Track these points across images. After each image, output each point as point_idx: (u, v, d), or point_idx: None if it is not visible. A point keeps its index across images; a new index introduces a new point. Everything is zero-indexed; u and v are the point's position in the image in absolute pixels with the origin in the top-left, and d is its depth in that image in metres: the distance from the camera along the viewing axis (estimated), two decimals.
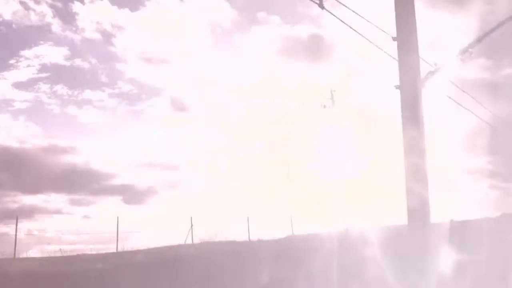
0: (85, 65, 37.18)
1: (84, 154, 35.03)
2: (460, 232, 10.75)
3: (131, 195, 31.50)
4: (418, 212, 6.49)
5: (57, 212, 30.94)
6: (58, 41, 37.42)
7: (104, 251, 18.89)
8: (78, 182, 30.73)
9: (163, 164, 38.17)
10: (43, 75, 37.10)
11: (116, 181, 35.41)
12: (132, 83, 41.90)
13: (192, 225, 22.89)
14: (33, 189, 31.01)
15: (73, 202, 32.09)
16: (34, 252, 19.45)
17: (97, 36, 37.46)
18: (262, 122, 37.54)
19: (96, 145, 36.93)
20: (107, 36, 38.03)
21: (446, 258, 6.92)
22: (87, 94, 37.26)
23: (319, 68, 37.53)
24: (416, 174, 6.67)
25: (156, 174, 38.40)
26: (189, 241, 21.99)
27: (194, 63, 39.59)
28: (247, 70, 39.48)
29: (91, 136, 41.01)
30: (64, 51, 38.32)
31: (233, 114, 37.28)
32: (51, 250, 18.98)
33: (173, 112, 38.52)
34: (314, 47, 35.69)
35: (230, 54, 39.99)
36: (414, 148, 6.75)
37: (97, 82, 37.16)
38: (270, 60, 38.03)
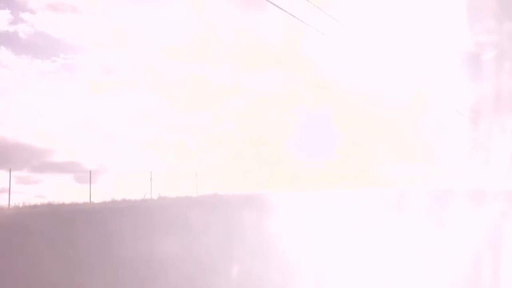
0: None
1: (5, 124, 31.75)
2: None
3: (81, 173, 30.06)
4: None
5: (5, 190, 29.35)
6: None
7: None
8: (14, 157, 28.68)
9: (106, 139, 35.12)
10: None
11: (57, 158, 33.06)
12: (44, 37, 34.14)
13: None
14: None
15: (20, 180, 30.23)
16: None
17: None
18: (209, 92, 32.83)
19: (16, 113, 32.75)
20: None
21: None
22: None
23: (267, 23, 31.95)
24: None
25: (101, 150, 35.27)
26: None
27: (109, 13, 32.45)
28: (177, 23, 32.69)
29: (4, 102, 35.46)
30: None
31: (172, 81, 32.71)
32: None
33: (100, 74, 33.46)
34: None
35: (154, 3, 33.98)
36: None
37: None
38: (206, 12, 32.76)
